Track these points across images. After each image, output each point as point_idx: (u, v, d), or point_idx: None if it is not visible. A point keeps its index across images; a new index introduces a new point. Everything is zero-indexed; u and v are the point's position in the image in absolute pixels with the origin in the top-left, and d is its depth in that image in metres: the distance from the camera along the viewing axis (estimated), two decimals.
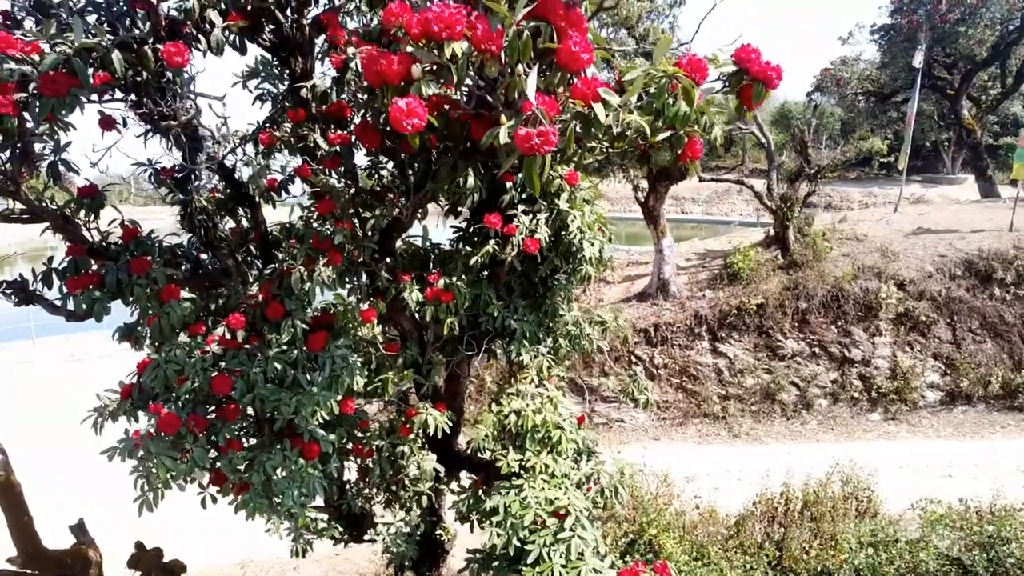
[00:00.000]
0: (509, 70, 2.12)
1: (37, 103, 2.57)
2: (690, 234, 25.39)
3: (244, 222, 4.75)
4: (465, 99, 2.16)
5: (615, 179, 12.71)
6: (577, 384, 11.59)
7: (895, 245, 12.51)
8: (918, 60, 14.19)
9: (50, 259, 4.05)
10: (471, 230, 4.70)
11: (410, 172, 3.86)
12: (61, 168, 3.32)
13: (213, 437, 3.97)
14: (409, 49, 2.08)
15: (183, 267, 4.43)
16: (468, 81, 2.24)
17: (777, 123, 42.08)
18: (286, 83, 4.12)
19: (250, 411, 4.18)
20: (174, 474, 3.72)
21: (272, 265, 4.68)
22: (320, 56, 3.85)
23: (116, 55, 2.70)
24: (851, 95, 24.32)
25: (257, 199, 4.56)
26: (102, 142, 3.44)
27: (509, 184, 4.31)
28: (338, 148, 3.63)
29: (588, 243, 4.70)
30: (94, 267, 3.96)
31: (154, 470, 3.66)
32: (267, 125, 4.72)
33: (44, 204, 3.81)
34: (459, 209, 4.41)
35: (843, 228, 13.48)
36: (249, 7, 3.32)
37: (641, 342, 12.10)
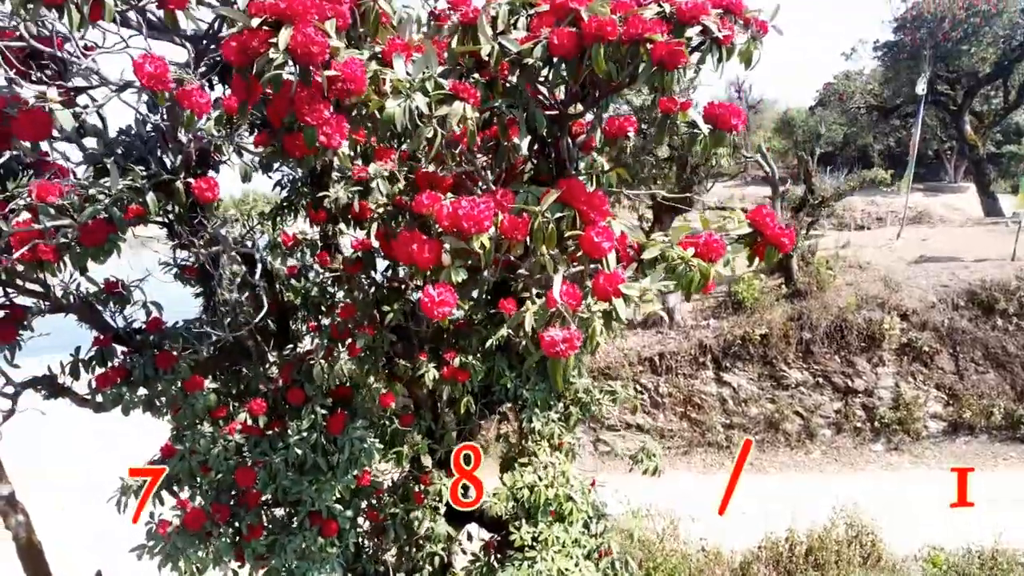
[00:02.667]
0: (533, 247, 2.23)
1: (77, 249, 2.68)
2: None
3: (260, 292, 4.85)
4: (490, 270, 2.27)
5: (620, 207, 12.80)
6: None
7: (898, 274, 12.59)
8: (921, 87, 14.25)
9: (77, 349, 4.16)
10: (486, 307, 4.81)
11: None
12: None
13: (236, 524, 4.09)
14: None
15: (204, 350, 4.54)
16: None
17: (780, 130, 42.10)
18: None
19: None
20: (199, 567, 3.84)
21: (290, 346, 4.81)
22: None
23: (151, 196, 2.81)
24: (854, 108, 24.36)
25: (274, 276, 4.68)
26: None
27: None
28: (360, 255, 3.75)
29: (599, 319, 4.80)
30: (120, 356, 4.09)
31: (182, 564, 3.78)
32: (285, 206, 4.85)
33: (72, 296, 3.93)
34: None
35: (846, 255, 13.56)
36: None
37: (646, 370, 12.20)
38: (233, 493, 4.24)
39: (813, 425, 11.71)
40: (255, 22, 1.87)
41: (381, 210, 3.34)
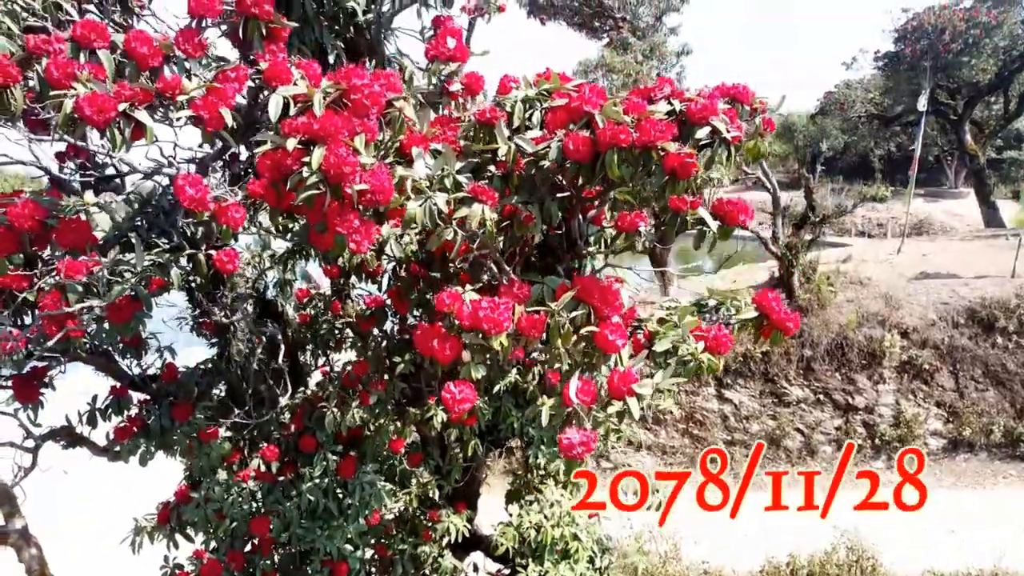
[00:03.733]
0: (549, 342, 2.31)
1: (105, 326, 2.77)
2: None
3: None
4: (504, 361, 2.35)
5: None
6: None
7: (898, 291, 12.68)
8: (922, 104, 14.32)
9: (94, 398, 4.24)
10: None
11: None
12: None
13: (251, 571, 4.18)
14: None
15: (218, 394, 4.62)
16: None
17: (781, 135, 42.18)
18: None
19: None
20: None
21: (301, 389, 4.90)
22: None
23: (175, 272, 2.90)
24: (855, 117, 24.45)
25: (285, 315, 4.77)
26: None
27: None
28: (373, 310, 3.84)
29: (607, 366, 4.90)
30: (136, 404, 4.18)
31: None
32: (297, 251, 4.92)
33: (90, 346, 4.01)
34: None
35: (847, 270, 13.64)
36: None
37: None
38: (246, 538, 4.34)
39: (814, 442, 11.80)
40: (290, 144, 1.95)
41: (394, 273, 3.42)
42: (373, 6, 3.01)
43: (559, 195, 2.63)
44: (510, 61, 4.18)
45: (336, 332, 4.68)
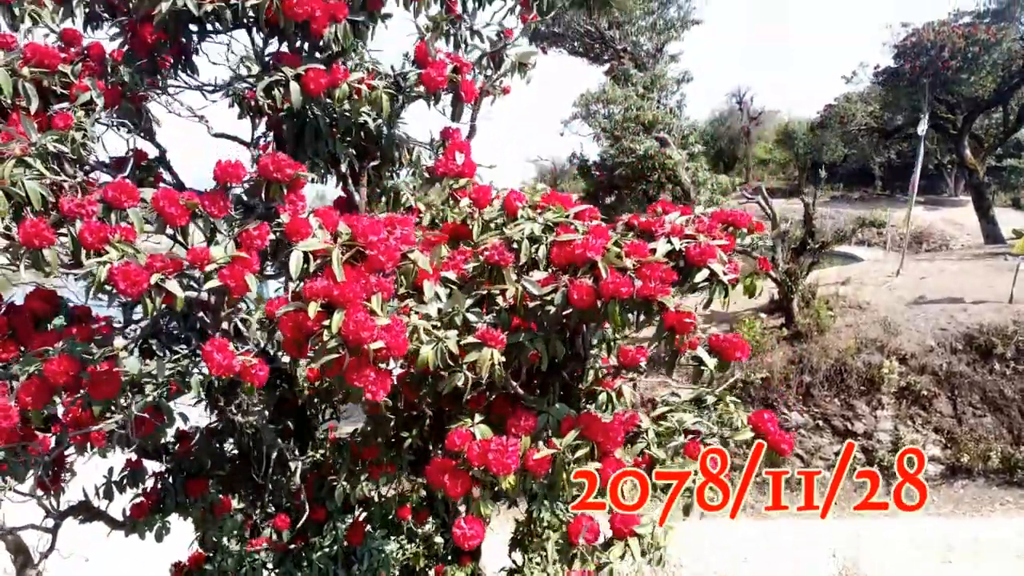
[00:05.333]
0: (554, 476, 2.44)
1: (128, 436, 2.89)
2: None
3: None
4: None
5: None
6: None
7: (897, 315, 12.79)
8: (922, 128, 14.44)
9: (110, 471, 4.36)
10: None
11: None
12: None
13: None
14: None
15: (229, 462, 4.75)
16: None
17: (781, 142, 42.28)
18: None
19: None
20: None
21: (310, 454, 5.02)
22: None
23: (195, 379, 3.02)
24: (854, 130, 24.57)
25: (294, 374, 4.89)
26: None
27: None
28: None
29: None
30: (150, 476, 4.31)
31: None
32: None
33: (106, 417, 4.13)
34: None
35: (846, 293, 13.76)
36: None
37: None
38: None
39: (813, 467, 11.90)
40: (312, 310, 2.08)
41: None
42: (382, 118, 3.13)
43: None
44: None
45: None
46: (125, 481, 4.26)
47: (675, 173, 10.83)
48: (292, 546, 4.53)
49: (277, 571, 4.34)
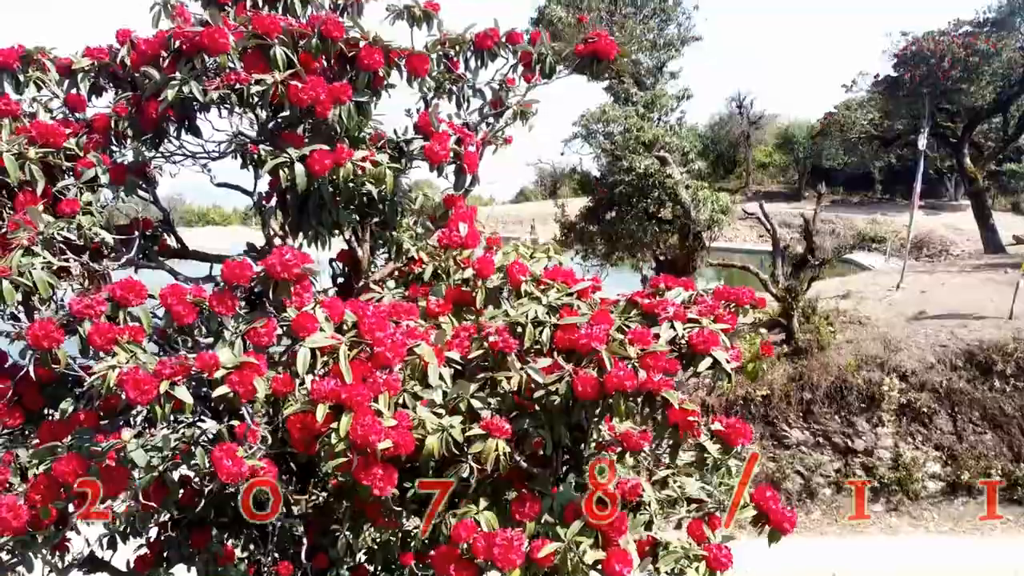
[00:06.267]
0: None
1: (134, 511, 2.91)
2: None
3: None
4: None
5: (624, 263, 13.05)
6: None
7: (897, 331, 12.81)
8: (922, 143, 14.47)
9: (113, 519, 4.37)
10: None
11: None
12: None
13: None
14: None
15: (231, 506, 4.76)
16: None
17: (781, 146, 42.33)
18: None
19: None
20: None
21: (313, 492, 5.04)
22: None
23: (199, 451, 3.03)
24: (855, 138, 24.60)
25: None
26: None
27: None
28: None
29: None
30: (154, 524, 4.32)
31: None
32: None
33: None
34: None
35: (846, 308, 13.78)
36: None
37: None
38: None
39: (814, 484, 11.94)
40: (320, 413, 2.10)
41: None
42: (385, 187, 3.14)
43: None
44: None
45: None
46: (128, 530, 4.27)
47: (675, 192, 10.85)
48: None
49: None
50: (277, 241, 4.06)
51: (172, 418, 3.21)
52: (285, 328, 2.34)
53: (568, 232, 12.58)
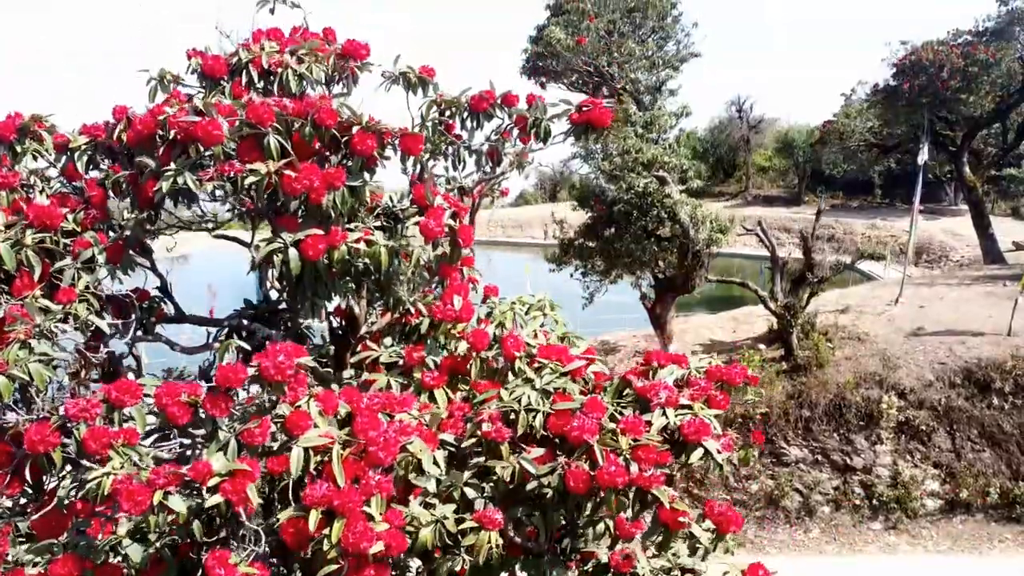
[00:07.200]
0: None
1: None
2: None
3: None
4: None
5: (623, 282, 13.07)
6: None
7: (895, 348, 12.83)
8: (922, 158, 14.48)
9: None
10: None
11: None
12: None
13: None
14: None
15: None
16: None
17: (781, 150, 42.33)
18: None
19: None
20: None
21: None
22: None
23: (196, 525, 3.06)
24: (854, 146, 24.62)
25: None
26: None
27: None
28: None
29: None
30: None
31: None
32: None
33: None
34: None
35: (845, 324, 13.80)
36: None
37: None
38: None
39: (812, 502, 11.96)
40: (312, 520, 2.12)
41: None
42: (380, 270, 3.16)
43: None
44: None
45: None
46: None
47: (674, 211, 10.87)
48: None
49: None
50: (274, 294, 4.10)
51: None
52: (279, 424, 2.36)
53: (567, 249, 12.59)
